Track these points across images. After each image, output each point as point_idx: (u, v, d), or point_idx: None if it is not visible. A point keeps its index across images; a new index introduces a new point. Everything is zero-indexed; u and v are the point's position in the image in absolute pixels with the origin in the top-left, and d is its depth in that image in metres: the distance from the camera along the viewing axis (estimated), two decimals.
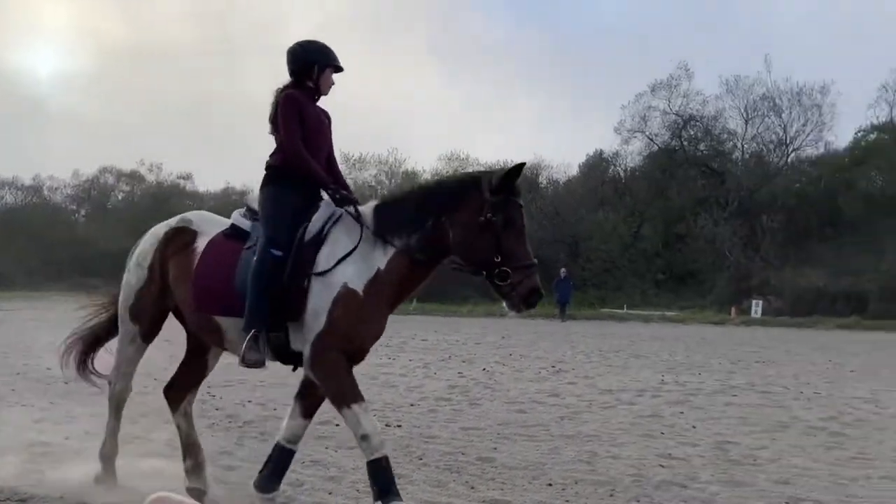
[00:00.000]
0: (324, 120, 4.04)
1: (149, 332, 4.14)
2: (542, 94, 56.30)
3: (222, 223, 4.04)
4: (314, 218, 3.76)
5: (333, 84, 4.01)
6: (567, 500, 4.33)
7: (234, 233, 3.91)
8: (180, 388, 4.27)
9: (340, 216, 3.75)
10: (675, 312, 25.53)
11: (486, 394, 8.24)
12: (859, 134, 33.54)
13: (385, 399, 7.64)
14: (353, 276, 3.60)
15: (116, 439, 4.25)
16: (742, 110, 34.70)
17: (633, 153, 37.49)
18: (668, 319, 23.84)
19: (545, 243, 34.43)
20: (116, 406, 4.23)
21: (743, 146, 35.41)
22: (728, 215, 31.18)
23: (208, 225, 4.04)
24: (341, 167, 4.31)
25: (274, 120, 3.91)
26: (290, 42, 4.00)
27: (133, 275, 4.14)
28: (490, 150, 64.02)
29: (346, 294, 3.56)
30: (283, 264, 3.62)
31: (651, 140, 36.23)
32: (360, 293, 3.57)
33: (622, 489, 4.58)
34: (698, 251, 30.93)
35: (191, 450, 4.19)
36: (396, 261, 3.62)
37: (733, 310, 24.82)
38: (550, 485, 4.63)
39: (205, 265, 3.83)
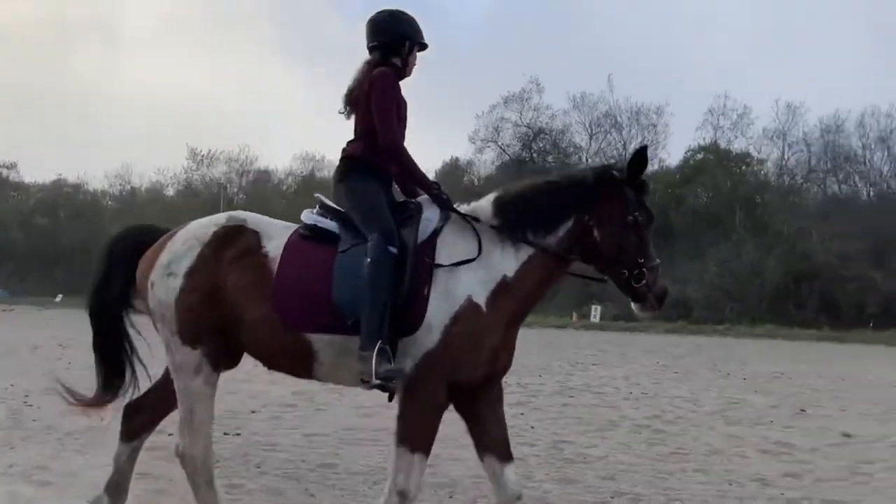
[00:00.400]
0: (406, 107, 3.47)
1: (218, 353, 3.28)
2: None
3: (281, 224, 3.40)
4: (425, 216, 3.20)
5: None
6: None
7: (314, 234, 3.25)
8: (148, 415, 3.53)
9: (448, 218, 3.22)
10: None
11: (334, 399, 8.12)
12: (688, 153, 36.55)
13: (225, 406, 7.33)
14: (477, 286, 3.09)
15: None
16: (587, 126, 36.81)
17: (486, 162, 38.68)
18: None
19: None
20: (207, 478, 3.29)
21: (587, 160, 37.46)
22: None
23: (268, 226, 3.35)
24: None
25: (362, 101, 3.30)
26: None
27: (161, 288, 3.26)
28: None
29: (468, 308, 3.05)
30: (403, 264, 3.05)
31: (503, 150, 37.53)
32: (484, 308, 3.07)
33: (461, 490, 4.67)
34: None
35: (116, 491, 3.45)
36: (533, 263, 3.16)
37: (574, 314, 26.15)
38: None
39: (289, 274, 3.14)
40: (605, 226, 3.20)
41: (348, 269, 3.09)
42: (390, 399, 3.13)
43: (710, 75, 60.48)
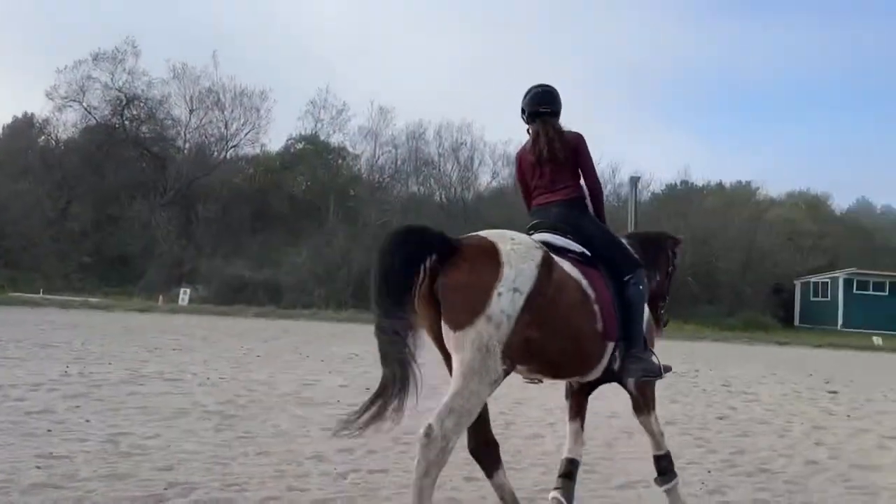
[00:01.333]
0: None
1: (510, 372, 3.41)
2: None
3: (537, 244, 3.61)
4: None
5: None
6: None
7: (584, 260, 3.90)
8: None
9: None
10: (99, 299, 24.14)
11: None
12: (290, 141, 37.40)
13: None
14: None
15: None
16: (187, 99, 35.11)
17: (67, 123, 34.32)
18: (91, 306, 22.37)
19: None
20: (439, 468, 3.23)
21: (186, 135, 35.82)
22: (166, 202, 31.06)
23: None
24: None
25: (569, 156, 4.19)
26: None
27: (508, 302, 3.25)
28: None
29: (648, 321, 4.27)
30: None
31: (89, 113, 33.76)
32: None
33: None
34: (132, 235, 29.96)
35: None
36: None
37: (160, 297, 24.76)
38: None
39: (601, 292, 3.76)
40: (664, 273, 4.90)
41: (617, 289, 3.91)
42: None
43: (313, 68, 62.67)
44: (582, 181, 4.26)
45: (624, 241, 4.42)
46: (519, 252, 3.41)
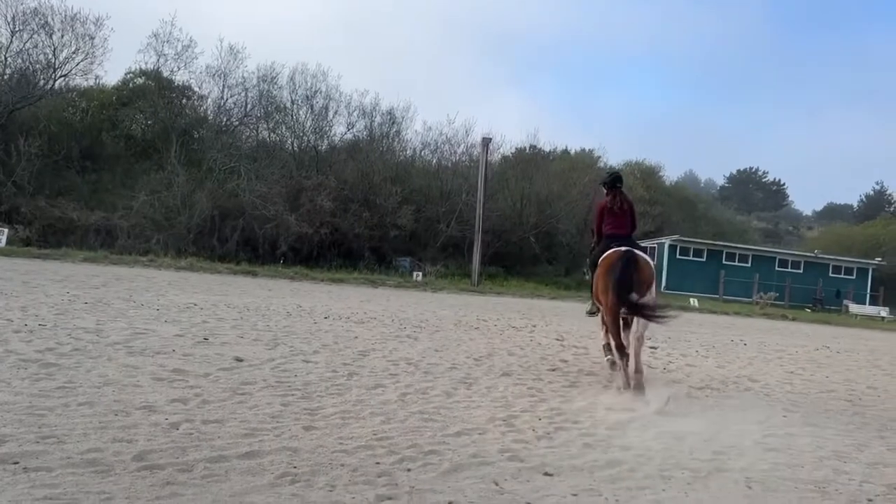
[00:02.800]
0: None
1: None
2: None
3: None
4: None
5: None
6: None
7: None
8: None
9: None
10: None
11: None
12: (128, 76, 34.58)
13: None
14: None
15: None
16: (9, 20, 31.45)
17: None
18: None
19: None
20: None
21: (6, 59, 32.16)
22: None
23: None
24: None
25: (629, 210, 8.35)
26: None
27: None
28: None
29: None
30: None
31: None
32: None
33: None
34: None
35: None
36: None
37: None
38: None
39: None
40: None
41: None
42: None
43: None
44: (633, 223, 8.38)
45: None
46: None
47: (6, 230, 22.86)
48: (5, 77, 31.68)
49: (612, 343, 7.68)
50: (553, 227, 36.88)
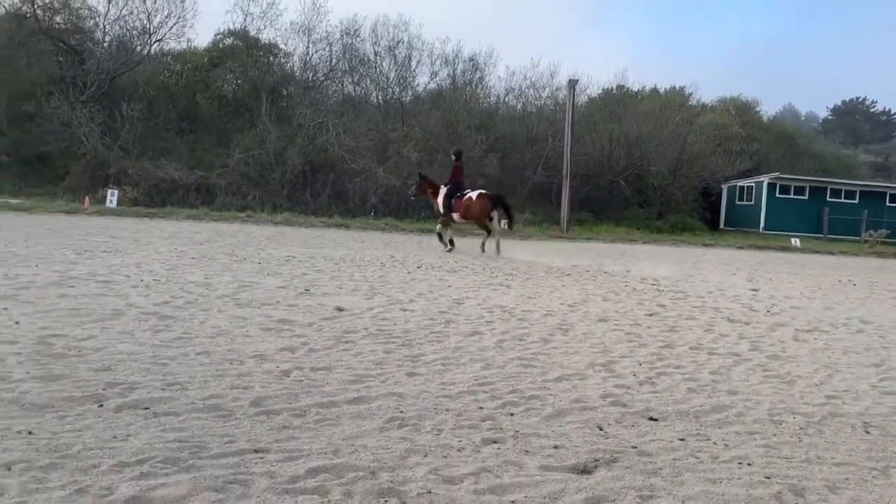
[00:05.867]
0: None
1: None
2: None
3: None
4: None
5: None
6: None
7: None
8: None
9: None
10: (20, 200, 23.02)
11: None
12: (218, 36, 35.43)
13: None
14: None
15: None
16: None
17: None
18: (12, 207, 21.34)
19: None
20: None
21: (105, 27, 33.54)
22: (86, 99, 29.35)
23: None
24: None
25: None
26: None
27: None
28: None
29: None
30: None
31: None
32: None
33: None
34: (51, 134, 28.36)
35: None
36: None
37: (86, 199, 23.78)
38: None
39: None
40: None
41: None
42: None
43: None
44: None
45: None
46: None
47: (116, 192, 24.17)
48: (104, 45, 33.07)
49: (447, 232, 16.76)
50: (644, 170, 35.80)
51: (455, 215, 16.63)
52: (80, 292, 7.73)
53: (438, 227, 17.38)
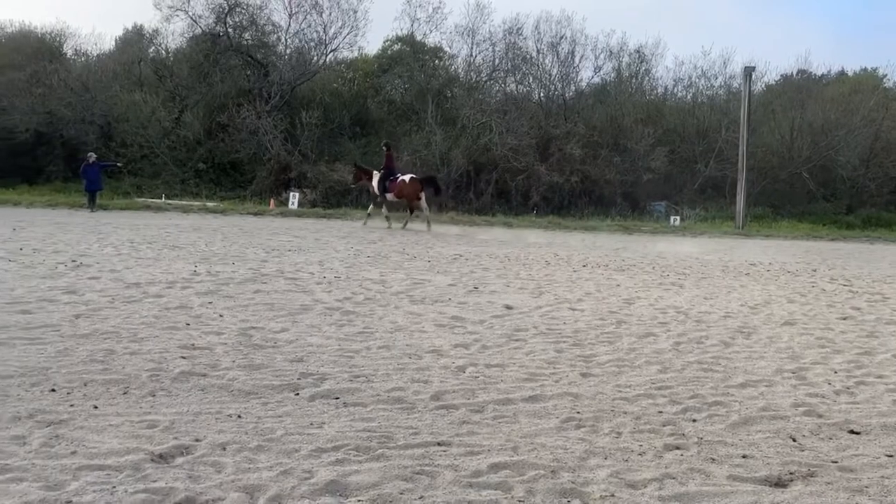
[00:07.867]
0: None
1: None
2: None
3: None
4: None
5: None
6: (72, 405, 3.97)
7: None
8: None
9: None
10: (216, 203, 25.37)
11: None
12: (386, 43, 36.96)
13: None
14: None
15: None
16: (287, 4, 35.11)
17: (175, 33, 35.22)
18: (208, 210, 23.57)
19: (71, 122, 30.65)
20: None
21: (286, 41, 36.05)
22: (270, 108, 31.73)
23: None
24: None
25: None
26: None
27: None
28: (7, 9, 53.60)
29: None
30: None
31: (195, 21, 34.43)
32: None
33: (138, 385, 4.39)
34: (240, 142, 30.96)
35: None
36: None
37: (272, 201, 25.72)
38: (54, 390, 4.19)
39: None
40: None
41: None
42: None
43: None
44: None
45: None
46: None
47: (297, 194, 25.94)
48: (286, 57, 35.57)
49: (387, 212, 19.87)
50: (830, 160, 33.00)
51: (389, 195, 20.11)
52: (272, 288, 8.38)
53: (370, 208, 21.40)
